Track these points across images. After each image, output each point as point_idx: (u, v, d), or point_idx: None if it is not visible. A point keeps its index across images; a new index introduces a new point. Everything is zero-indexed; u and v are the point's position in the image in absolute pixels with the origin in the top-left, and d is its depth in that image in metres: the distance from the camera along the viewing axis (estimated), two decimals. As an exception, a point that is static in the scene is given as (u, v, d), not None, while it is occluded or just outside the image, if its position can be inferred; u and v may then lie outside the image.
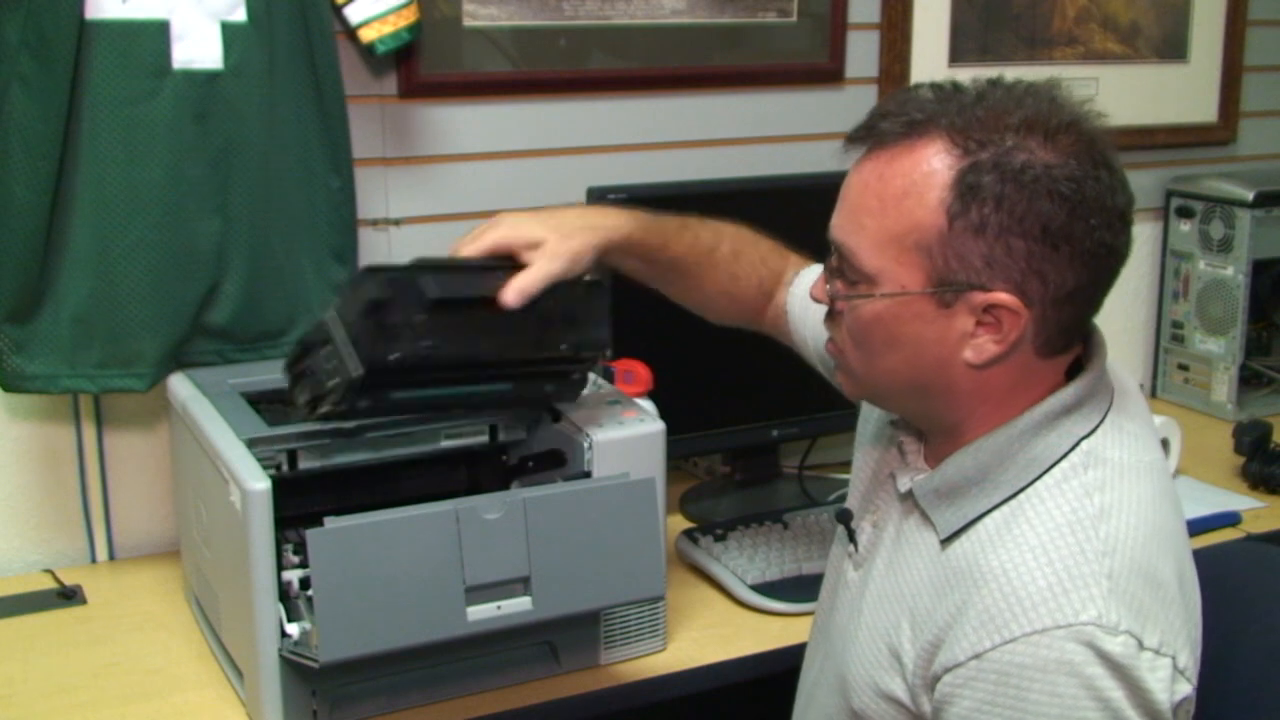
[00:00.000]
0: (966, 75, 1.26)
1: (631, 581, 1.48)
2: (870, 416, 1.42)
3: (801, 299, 1.55)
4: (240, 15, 1.76)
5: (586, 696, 1.58)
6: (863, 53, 2.33)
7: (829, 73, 2.30)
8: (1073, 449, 1.16)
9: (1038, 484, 1.15)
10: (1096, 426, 1.18)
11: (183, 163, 1.75)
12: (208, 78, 1.75)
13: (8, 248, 1.70)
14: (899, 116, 1.15)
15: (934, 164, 1.12)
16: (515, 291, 1.39)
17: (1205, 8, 2.63)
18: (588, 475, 1.55)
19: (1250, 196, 2.43)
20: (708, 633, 1.72)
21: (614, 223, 1.47)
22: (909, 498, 1.24)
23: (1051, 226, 1.10)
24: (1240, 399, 2.51)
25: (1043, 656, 1.07)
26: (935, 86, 1.18)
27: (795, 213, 2.16)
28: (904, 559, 1.23)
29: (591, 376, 1.72)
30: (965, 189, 1.10)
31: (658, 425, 1.60)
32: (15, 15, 1.65)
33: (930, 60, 2.38)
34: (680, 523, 2.00)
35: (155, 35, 1.72)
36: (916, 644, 1.17)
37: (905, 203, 1.13)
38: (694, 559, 1.88)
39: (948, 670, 1.12)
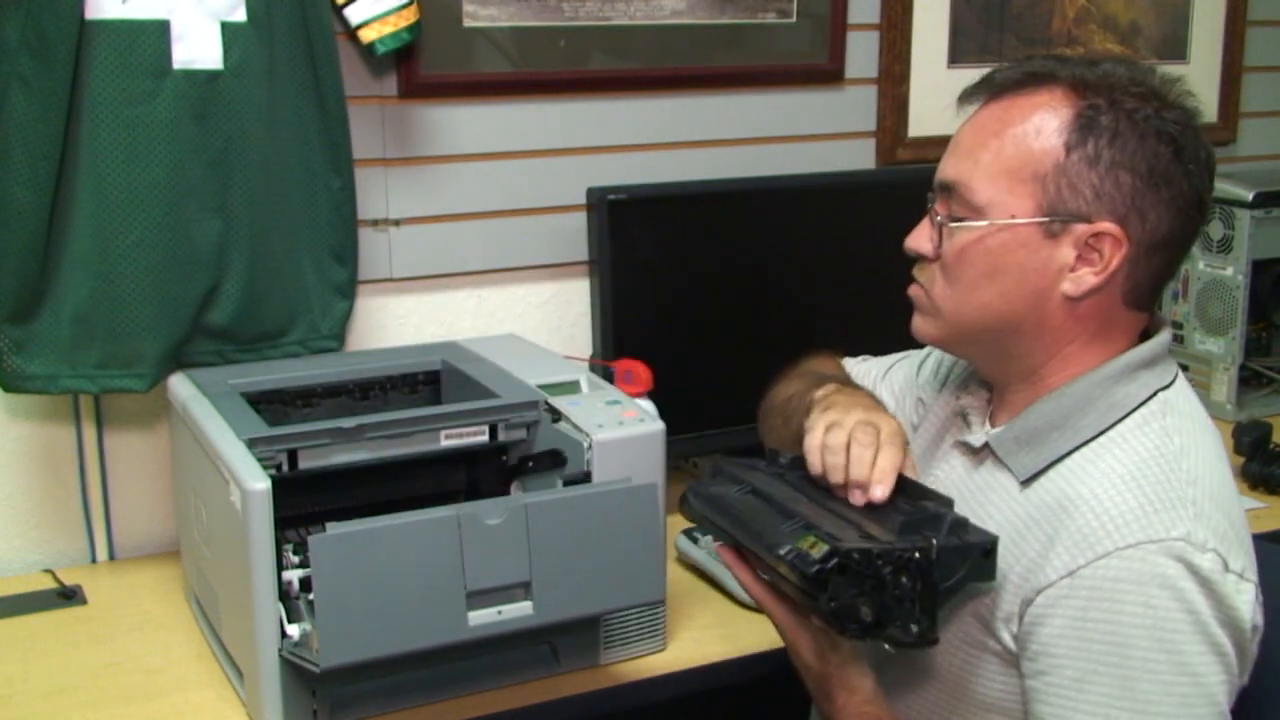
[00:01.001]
0: (966, 76, 1.28)
1: (632, 586, 1.48)
2: (935, 406, 1.43)
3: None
4: (240, 15, 1.76)
5: (586, 696, 1.58)
6: (863, 53, 2.33)
7: (829, 73, 2.30)
8: (1150, 398, 1.23)
9: (1119, 426, 1.21)
10: (1171, 382, 1.25)
11: (183, 163, 1.75)
12: (208, 78, 1.75)
13: (8, 248, 1.70)
14: (1018, 68, 1.25)
15: (1055, 104, 1.21)
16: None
17: (1205, 8, 2.63)
18: (587, 475, 1.55)
19: (1250, 196, 2.43)
20: (708, 633, 1.71)
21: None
22: (980, 451, 1.29)
23: (1157, 167, 1.19)
24: (1240, 399, 2.50)
25: (1136, 569, 1.11)
26: (1047, 55, 1.27)
27: (795, 213, 2.17)
28: (978, 508, 1.26)
29: (590, 378, 1.73)
30: (1085, 123, 1.20)
31: (658, 425, 1.60)
32: (15, 15, 1.65)
33: (930, 60, 2.37)
34: (680, 522, 2.00)
35: (155, 35, 1.72)
36: (1002, 580, 1.19)
37: (1025, 138, 1.21)
38: (693, 559, 1.87)
39: (1039, 592, 1.15)
